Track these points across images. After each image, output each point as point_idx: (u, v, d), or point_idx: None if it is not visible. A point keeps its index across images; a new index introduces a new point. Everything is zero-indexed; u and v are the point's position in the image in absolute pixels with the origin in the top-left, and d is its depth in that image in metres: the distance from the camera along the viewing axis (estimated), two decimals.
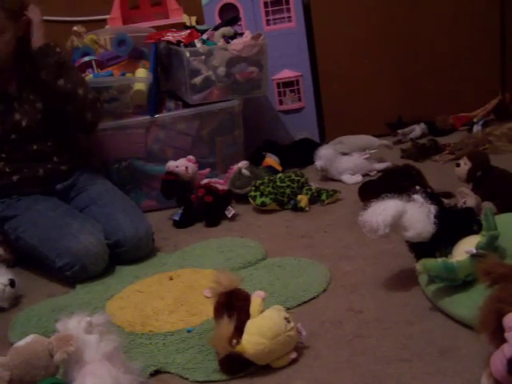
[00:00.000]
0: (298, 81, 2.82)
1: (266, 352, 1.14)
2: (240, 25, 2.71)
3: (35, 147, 1.90)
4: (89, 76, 2.27)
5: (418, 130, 2.80)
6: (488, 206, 1.58)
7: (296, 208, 2.08)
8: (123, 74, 2.35)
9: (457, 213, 1.41)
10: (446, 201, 1.57)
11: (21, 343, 1.06)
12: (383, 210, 1.32)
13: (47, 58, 1.85)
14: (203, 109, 2.34)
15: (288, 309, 1.36)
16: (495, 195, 1.68)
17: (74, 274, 1.70)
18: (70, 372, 1.05)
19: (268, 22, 2.78)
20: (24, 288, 1.72)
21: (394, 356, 1.14)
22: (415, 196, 1.38)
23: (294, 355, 1.17)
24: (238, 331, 1.15)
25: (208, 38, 2.43)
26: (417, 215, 1.33)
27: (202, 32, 2.49)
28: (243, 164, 2.26)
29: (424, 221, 1.33)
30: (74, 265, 1.69)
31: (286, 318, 1.17)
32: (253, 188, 2.13)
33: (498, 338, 0.94)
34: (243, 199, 2.21)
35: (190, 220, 2.11)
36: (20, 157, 1.88)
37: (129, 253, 1.80)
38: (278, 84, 2.83)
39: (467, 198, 1.67)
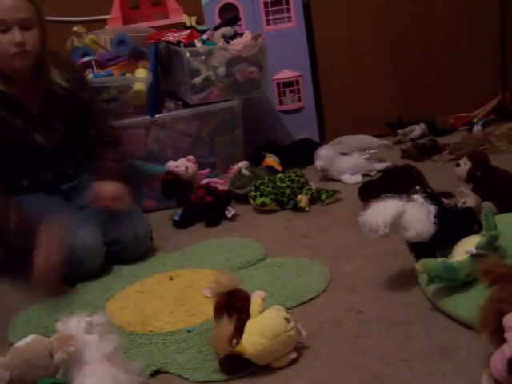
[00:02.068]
0: (297, 81, 2.82)
1: (266, 352, 1.14)
2: (240, 25, 2.71)
3: (48, 156, 1.87)
4: (89, 76, 2.27)
5: (417, 130, 2.80)
6: (488, 206, 1.58)
7: (296, 208, 2.08)
8: (123, 74, 2.35)
9: (457, 213, 1.41)
10: (446, 201, 1.57)
11: (21, 343, 1.06)
12: (383, 210, 1.32)
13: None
14: (203, 109, 2.34)
15: (288, 309, 1.36)
16: (495, 195, 1.68)
17: (69, 268, 1.68)
18: (70, 372, 1.05)
19: (268, 22, 2.78)
20: (24, 288, 1.72)
21: (394, 356, 1.14)
22: (415, 196, 1.38)
23: (293, 355, 1.17)
24: (238, 331, 1.15)
25: (208, 38, 2.43)
26: (417, 215, 1.33)
27: (202, 32, 2.49)
28: (243, 164, 2.26)
29: (424, 221, 1.33)
30: (70, 258, 1.68)
31: (286, 318, 1.17)
32: (253, 188, 2.13)
33: (498, 338, 0.94)
34: (243, 199, 2.21)
35: (190, 220, 2.11)
36: (31, 162, 1.85)
37: (126, 250, 1.80)
38: (278, 84, 2.83)
39: (467, 198, 1.67)
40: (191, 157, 2.21)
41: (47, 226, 1.61)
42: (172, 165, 2.17)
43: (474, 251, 1.23)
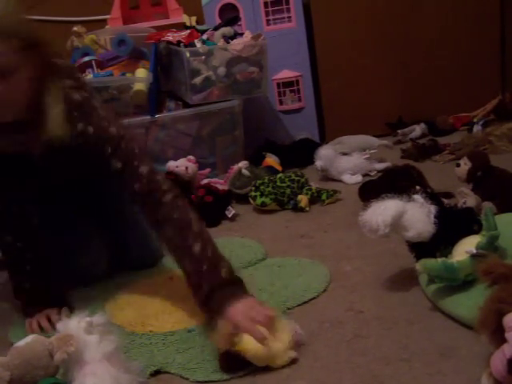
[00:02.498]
0: (297, 81, 2.83)
1: (265, 352, 1.14)
2: (240, 25, 2.71)
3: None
4: (89, 76, 2.27)
5: (418, 130, 2.80)
6: (488, 206, 1.58)
7: (296, 208, 2.08)
8: (123, 74, 2.35)
9: (457, 213, 1.41)
10: (446, 201, 1.57)
11: (21, 343, 1.06)
12: (383, 210, 1.32)
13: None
14: (203, 109, 2.34)
15: (288, 309, 1.37)
16: (495, 195, 1.68)
17: (80, 273, 1.69)
18: (70, 372, 1.05)
19: (268, 22, 2.79)
20: None
21: (394, 356, 1.14)
22: (415, 196, 1.38)
23: (293, 354, 1.17)
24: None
25: (208, 38, 2.44)
26: (417, 215, 1.33)
27: (202, 32, 2.49)
28: (243, 164, 2.26)
29: (424, 221, 1.33)
30: (77, 273, 1.68)
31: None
32: (253, 188, 2.13)
33: (498, 338, 0.94)
34: (243, 199, 2.21)
35: None
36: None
37: (134, 265, 1.79)
38: (278, 84, 2.83)
39: (467, 198, 1.67)
40: (191, 157, 2.21)
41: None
42: (172, 165, 2.17)
43: (474, 251, 1.23)
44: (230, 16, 2.65)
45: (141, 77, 2.30)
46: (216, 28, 2.51)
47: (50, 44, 1.27)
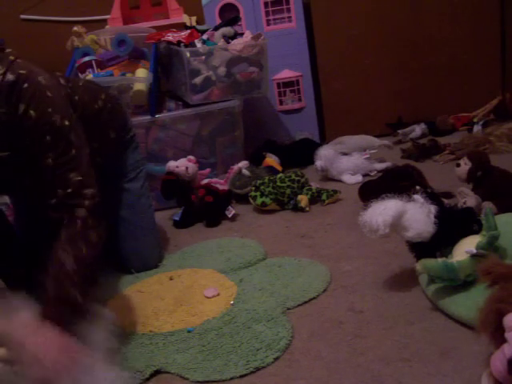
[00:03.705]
0: (298, 81, 2.83)
1: None
2: (240, 25, 2.72)
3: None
4: (89, 76, 2.27)
5: (418, 130, 2.80)
6: (488, 205, 1.58)
7: (296, 208, 2.08)
8: (123, 74, 2.35)
9: (457, 213, 1.41)
10: (446, 201, 1.57)
11: None
12: (383, 210, 1.32)
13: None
14: (203, 109, 2.34)
15: (288, 309, 1.36)
16: (495, 195, 1.68)
17: None
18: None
19: (268, 22, 2.79)
20: None
21: (394, 356, 1.14)
22: (415, 196, 1.38)
23: None
24: None
25: (208, 38, 2.44)
26: (417, 215, 1.33)
27: (203, 32, 2.49)
28: (243, 164, 2.26)
29: (424, 221, 1.33)
30: None
31: None
32: (253, 188, 2.13)
33: (498, 337, 0.94)
34: (243, 199, 2.21)
35: (190, 220, 2.11)
36: None
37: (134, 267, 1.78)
38: (278, 84, 2.83)
39: (467, 198, 1.67)
40: (191, 157, 2.21)
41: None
42: (172, 165, 2.17)
43: (474, 251, 1.23)
44: (230, 16, 2.65)
45: (141, 77, 2.30)
46: (216, 28, 2.51)
47: None
